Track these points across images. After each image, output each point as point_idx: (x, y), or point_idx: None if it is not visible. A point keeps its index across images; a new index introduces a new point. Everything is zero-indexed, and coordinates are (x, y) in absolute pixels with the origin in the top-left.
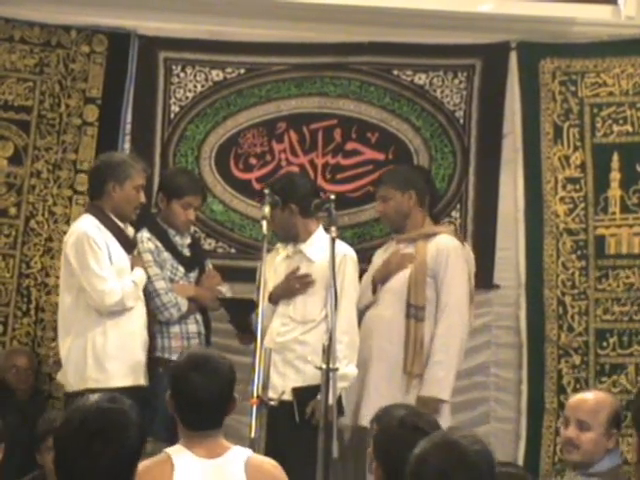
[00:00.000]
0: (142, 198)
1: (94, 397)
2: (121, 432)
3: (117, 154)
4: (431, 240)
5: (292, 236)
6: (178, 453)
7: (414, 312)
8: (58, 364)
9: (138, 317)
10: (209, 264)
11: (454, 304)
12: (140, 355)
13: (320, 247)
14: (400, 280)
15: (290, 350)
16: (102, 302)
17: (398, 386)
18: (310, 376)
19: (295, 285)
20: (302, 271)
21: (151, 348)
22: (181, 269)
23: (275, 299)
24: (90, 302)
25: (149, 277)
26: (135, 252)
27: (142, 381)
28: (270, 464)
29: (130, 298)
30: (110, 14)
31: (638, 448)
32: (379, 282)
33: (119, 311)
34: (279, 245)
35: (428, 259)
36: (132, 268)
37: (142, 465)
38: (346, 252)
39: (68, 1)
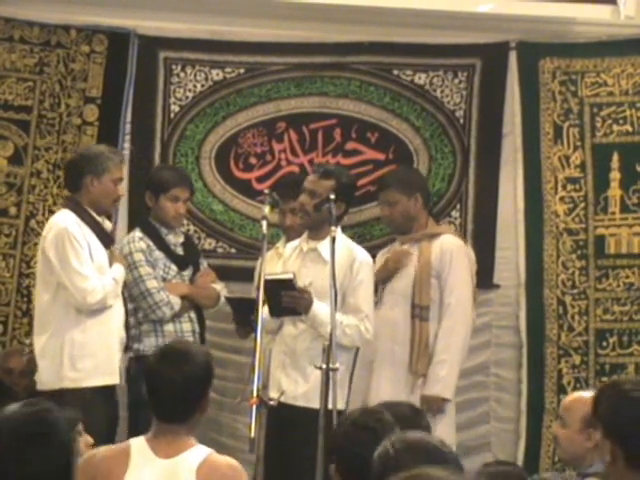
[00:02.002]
0: (121, 191)
1: (14, 405)
2: (48, 434)
3: (95, 146)
4: (435, 240)
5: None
6: (138, 448)
7: (419, 312)
8: (32, 362)
9: (116, 315)
10: (204, 263)
11: (457, 303)
12: (117, 354)
13: (336, 248)
14: (404, 281)
15: (301, 354)
16: (84, 300)
17: (403, 386)
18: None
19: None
20: (314, 272)
21: (137, 346)
22: (174, 267)
23: None
24: (71, 300)
25: (140, 276)
26: (113, 247)
27: (117, 380)
28: (227, 466)
29: (111, 296)
30: (110, 14)
31: (611, 452)
32: (380, 283)
33: (99, 309)
34: (279, 244)
35: (432, 259)
36: (110, 263)
37: (103, 450)
38: (362, 259)
39: (68, 1)
